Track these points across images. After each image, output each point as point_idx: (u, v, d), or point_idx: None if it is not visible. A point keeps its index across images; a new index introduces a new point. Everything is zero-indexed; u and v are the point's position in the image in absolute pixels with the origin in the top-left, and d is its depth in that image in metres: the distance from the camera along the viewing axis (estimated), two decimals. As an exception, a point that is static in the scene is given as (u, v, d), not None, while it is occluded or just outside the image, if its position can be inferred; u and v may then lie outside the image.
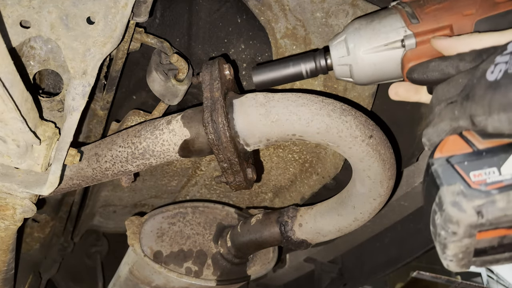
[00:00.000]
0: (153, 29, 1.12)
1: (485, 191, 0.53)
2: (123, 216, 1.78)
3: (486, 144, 0.56)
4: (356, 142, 0.84)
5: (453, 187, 0.54)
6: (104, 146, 0.95)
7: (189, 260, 1.31)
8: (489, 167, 0.54)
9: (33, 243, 1.68)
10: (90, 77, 0.82)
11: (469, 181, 0.54)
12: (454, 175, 0.55)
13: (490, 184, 0.53)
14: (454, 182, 0.54)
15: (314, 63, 0.85)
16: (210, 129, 0.84)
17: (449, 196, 0.54)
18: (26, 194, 0.81)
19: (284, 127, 0.84)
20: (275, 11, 0.97)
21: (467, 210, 0.53)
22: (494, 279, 5.50)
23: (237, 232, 1.24)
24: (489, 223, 0.53)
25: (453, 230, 0.54)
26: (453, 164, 0.56)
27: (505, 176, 0.53)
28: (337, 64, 0.83)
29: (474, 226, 0.53)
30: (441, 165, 0.56)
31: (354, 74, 0.82)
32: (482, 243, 0.55)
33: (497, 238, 0.54)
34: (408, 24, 0.75)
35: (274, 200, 1.55)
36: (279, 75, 0.87)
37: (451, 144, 0.57)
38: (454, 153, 0.56)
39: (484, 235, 0.54)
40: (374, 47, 0.78)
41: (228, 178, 0.93)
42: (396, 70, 0.78)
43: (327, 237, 1.11)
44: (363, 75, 0.81)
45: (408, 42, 0.75)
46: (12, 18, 0.77)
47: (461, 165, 0.55)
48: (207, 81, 0.88)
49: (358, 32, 0.79)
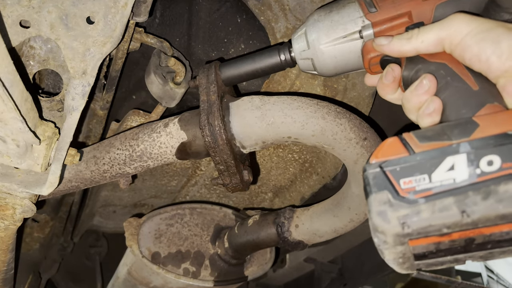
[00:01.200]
0: (153, 29, 1.12)
1: (412, 199, 0.51)
2: (122, 216, 1.78)
3: (423, 148, 0.53)
4: (351, 144, 0.84)
5: (380, 196, 0.52)
6: (102, 148, 0.96)
7: (187, 261, 1.31)
8: (420, 174, 0.52)
9: (33, 243, 1.68)
10: (89, 77, 0.82)
11: (398, 189, 0.52)
12: (384, 182, 0.53)
13: (419, 192, 0.51)
14: (382, 190, 0.52)
15: (279, 57, 0.84)
16: (206, 132, 0.84)
17: (376, 205, 0.52)
18: (25, 194, 0.81)
19: (280, 130, 0.84)
20: (275, 11, 0.97)
21: (391, 220, 0.51)
22: (494, 279, 5.49)
23: (235, 233, 1.24)
24: (416, 233, 0.51)
25: (382, 239, 0.53)
26: (385, 170, 0.53)
27: (434, 184, 0.51)
28: (299, 58, 0.81)
29: (401, 235, 0.52)
30: (373, 171, 0.54)
31: (316, 68, 0.80)
32: (418, 249, 0.53)
33: (432, 245, 0.53)
34: (366, 13, 0.73)
35: (274, 200, 1.55)
36: (245, 71, 0.86)
37: (388, 147, 0.55)
38: (389, 158, 0.54)
39: (416, 242, 0.52)
40: (333, 39, 0.75)
41: (224, 180, 0.94)
42: (358, 61, 0.77)
43: (323, 238, 1.12)
44: (326, 68, 0.79)
45: (366, 32, 0.72)
46: (11, 18, 0.77)
47: (393, 171, 0.53)
48: (203, 84, 0.88)
49: (317, 25, 0.77)
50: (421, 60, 0.67)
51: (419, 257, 0.54)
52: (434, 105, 0.62)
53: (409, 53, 0.67)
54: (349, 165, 0.90)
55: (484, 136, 0.52)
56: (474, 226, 0.50)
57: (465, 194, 0.50)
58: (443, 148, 0.53)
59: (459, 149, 0.52)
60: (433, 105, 0.62)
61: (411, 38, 0.65)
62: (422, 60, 0.67)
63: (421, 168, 0.52)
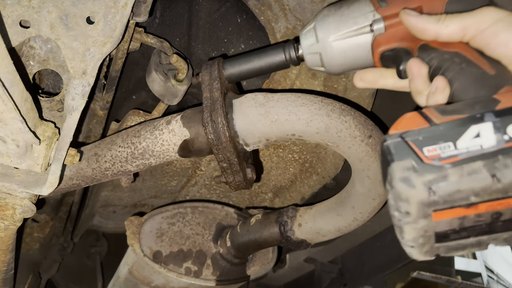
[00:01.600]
0: (153, 29, 1.12)
1: (438, 166, 0.50)
2: (123, 216, 1.78)
3: (444, 120, 0.53)
4: (356, 142, 0.84)
5: (404, 163, 0.51)
6: (103, 146, 0.95)
7: (188, 260, 1.31)
8: (444, 142, 0.51)
9: (33, 243, 1.68)
10: (89, 77, 0.82)
11: (422, 156, 0.51)
12: (407, 150, 0.51)
13: (444, 158, 0.50)
14: (406, 158, 0.51)
15: (284, 54, 0.83)
16: (209, 129, 0.84)
17: (399, 171, 0.50)
18: (25, 194, 0.81)
19: (284, 127, 0.84)
20: (275, 11, 0.97)
21: (417, 185, 0.49)
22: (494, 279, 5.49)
23: (237, 232, 1.24)
24: (442, 201, 0.49)
25: (405, 209, 0.51)
26: (407, 140, 0.52)
27: (460, 150, 0.50)
28: (307, 53, 0.81)
29: (427, 203, 0.50)
30: (393, 141, 0.53)
31: (325, 63, 0.79)
32: (441, 226, 0.52)
33: (457, 220, 0.51)
34: (377, 8, 0.73)
35: (274, 200, 1.55)
36: (248, 68, 0.86)
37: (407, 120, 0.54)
38: (409, 129, 0.53)
39: (441, 215, 0.51)
40: (343, 33, 0.75)
41: (227, 178, 0.93)
42: (367, 56, 0.76)
43: (326, 237, 1.12)
44: (334, 63, 0.79)
45: (377, 26, 0.72)
46: (11, 18, 0.77)
47: (415, 140, 0.52)
48: (206, 81, 0.88)
49: (327, 19, 0.77)
50: (433, 50, 0.67)
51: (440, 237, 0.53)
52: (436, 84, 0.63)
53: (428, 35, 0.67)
54: (353, 163, 0.90)
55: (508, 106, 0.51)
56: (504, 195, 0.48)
57: (494, 158, 0.48)
58: (466, 118, 0.51)
59: (484, 118, 0.51)
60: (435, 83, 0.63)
61: (438, 21, 0.65)
62: (435, 49, 0.67)
63: (445, 137, 0.51)
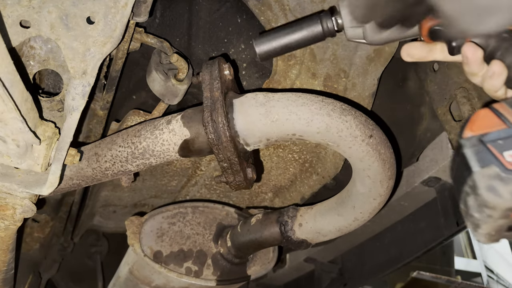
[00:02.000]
0: (153, 29, 1.12)
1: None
2: (123, 216, 1.78)
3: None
4: (356, 141, 0.84)
5: (487, 170, 0.51)
6: (104, 146, 0.95)
7: (189, 260, 1.31)
8: None
9: (33, 243, 1.68)
10: (90, 77, 0.82)
11: (504, 162, 0.50)
12: (488, 156, 0.51)
13: None
14: (489, 165, 0.51)
15: (321, 26, 0.80)
16: (210, 128, 0.84)
17: (484, 180, 0.51)
18: (26, 194, 0.81)
19: (284, 127, 0.84)
20: (275, 11, 0.97)
21: (504, 194, 0.50)
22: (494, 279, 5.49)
23: (237, 232, 1.24)
24: None
25: (488, 214, 0.51)
26: (486, 144, 0.52)
27: None
28: (349, 26, 0.78)
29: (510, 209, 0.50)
30: (473, 145, 0.52)
31: (368, 35, 0.78)
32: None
33: None
34: None
35: (274, 200, 1.55)
36: (282, 43, 0.83)
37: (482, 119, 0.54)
38: (487, 131, 0.53)
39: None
40: None
41: (228, 178, 0.93)
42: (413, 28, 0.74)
43: (327, 237, 1.11)
44: (378, 37, 0.77)
45: None
46: (12, 18, 0.77)
47: (495, 144, 0.52)
48: (207, 80, 0.88)
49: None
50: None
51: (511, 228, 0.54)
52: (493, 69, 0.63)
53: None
54: (354, 163, 0.90)
55: None
56: None
57: None
58: None
59: None
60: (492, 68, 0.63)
61: None
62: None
63: None
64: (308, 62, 1.05)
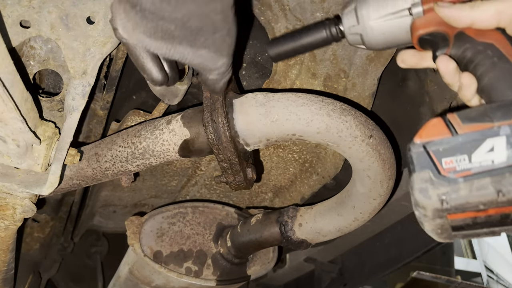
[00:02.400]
0: (153, 29, 1.12)
1: (452, 179, 0.56)
2: (123, 216, 1.78)
3: (465, 129, 0.57)
4: (356, 142, 0.84)
5: (423, 174, 0.57)
6: (104, 146, 0.95)
7: (189, 260, 1.31)
8: (460, 154, 0.56)
9: (33, 243, 1.68)
10: (90, 77, 0.82)
11: (440, 168, 0.56)
12: (427, 162, 0.57)
13: (459, 171, 0.56)
14: (425, 169, 0.57)
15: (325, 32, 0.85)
16: (210, 129, 0.84)
17: (418, 182, 0.57)
18: (26, 194, 0.81)
19: (284, 127, 0.84)
20: (275, 11, 0.97)
21: (432, 197, 0.56)
22: (494, 279, 5.50)
23: (237, 232, 1.24)
24: (454, 208, 0.56)
25: (422, 213, 0.58)
26: (429, 151, 0.57)
27: (473, 164, 0.55)
28: (348, 33, 0.83)
29: (440, 210, 0.56)
30: (417, 151, 0.58)
31: (365, 42, 0.82)
32: (456, 222, 0.58)
33: (469, 218, 0.57)
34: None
35: (274, 200, 1.55)
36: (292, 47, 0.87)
37: (432, 127, 0.59)
38: (433, 139, 0.58)
39: (454, 216, 0.57)
40: (383, 15, 0.78)
41: (228, 178, 0.93)
42: (407, 37, 0.79)
43: (327, 237, 1.11)
44: (375, 43, 0.82)
45: (415, 10, 0.75)
46: (12, 18, 0.77)
47: (436, 151, 0.57)
48: None
49: (367, 1, 0.79)
50: (469, 39, 0.69)
51: (456, 228, 0.59)
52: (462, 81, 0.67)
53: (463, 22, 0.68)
54: (354, 163, 0.90)
55: None
56: (510, 204, 0.54)
57: (502, 175, 0.54)
58: (484, 130, 0.56)
59: (499, 131, 0.55)
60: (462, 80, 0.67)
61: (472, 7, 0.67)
62: (470, 39, 0.69)
63: (462, 149, 0.56)
64: (308, 62, 1.05)
